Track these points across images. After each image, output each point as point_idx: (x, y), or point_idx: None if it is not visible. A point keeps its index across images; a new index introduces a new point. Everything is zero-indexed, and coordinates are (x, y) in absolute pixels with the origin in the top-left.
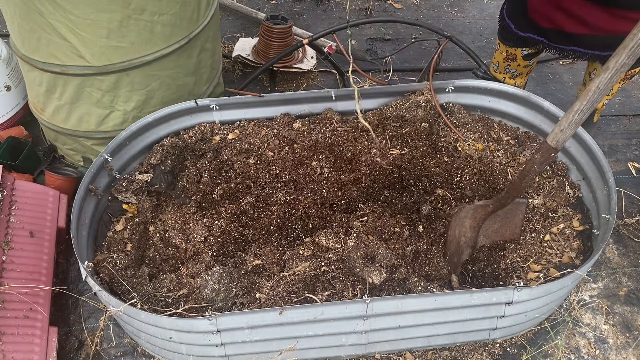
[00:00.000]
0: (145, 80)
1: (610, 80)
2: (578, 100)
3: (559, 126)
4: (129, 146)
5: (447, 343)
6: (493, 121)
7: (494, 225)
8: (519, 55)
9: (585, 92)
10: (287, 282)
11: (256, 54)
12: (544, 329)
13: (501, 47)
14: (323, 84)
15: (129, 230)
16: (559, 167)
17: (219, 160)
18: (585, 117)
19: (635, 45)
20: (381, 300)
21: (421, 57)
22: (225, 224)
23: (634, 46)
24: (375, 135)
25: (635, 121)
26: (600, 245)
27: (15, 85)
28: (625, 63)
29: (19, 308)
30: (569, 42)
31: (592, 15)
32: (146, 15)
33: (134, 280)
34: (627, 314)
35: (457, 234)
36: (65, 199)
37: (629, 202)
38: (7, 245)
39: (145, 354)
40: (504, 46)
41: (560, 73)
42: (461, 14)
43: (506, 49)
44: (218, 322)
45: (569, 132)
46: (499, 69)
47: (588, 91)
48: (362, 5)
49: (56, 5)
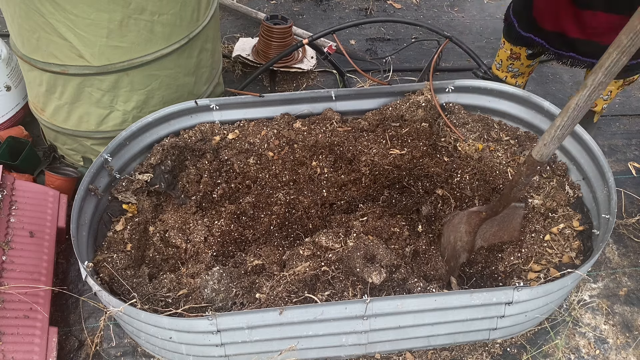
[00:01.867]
0: (145, 80)
1: (589, 98)
2: (559, 116)
3: (543, 140)
4: (129, 146)
5: (447, 343)
6: (493, 121)
7: (491, 228)
8: (522, 55)
9: (566, 109)
10: (287, 282)
11: (256, 54)
12: (544, 329)
13: (506, 45)
14: (323, 84)
15: (129, 230)
16: (559, 167)
17: (219, 160)
18: (567, 132)
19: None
20: (381, 300)
21: (421, 57)
22: (225, 224)
23: (610, 65)
24: (375, 135)
25: (635, 121)
26: (600, 245)
27: (15, 85)
28: (602, 81)
29: (19, 308)
30: (568, 48)
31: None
32: (146, 15)
33: (134, 280)
34: (627, 314)
35: (452, 239)
36: (65, 199)
37: (629, 202)
38: (7, 245)
39: (145, 354)
40: (508, 44)
41: (560, 73)
42: (461, 14)
43: (510, 48)
44: (218, 322)
45: (552, 146)
46: (502, 67)
47: (568, 108)
48: (362, 5)
49: (56, 5)
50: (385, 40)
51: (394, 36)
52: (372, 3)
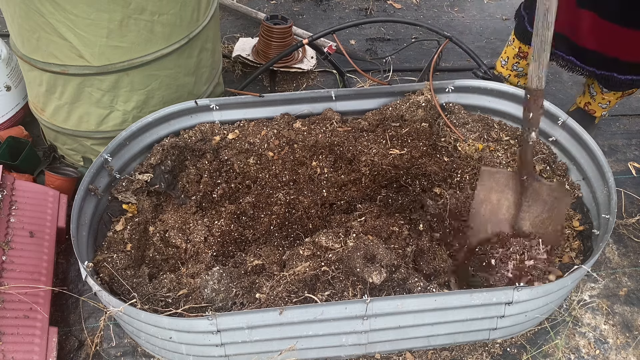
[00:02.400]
0: (145, 80)
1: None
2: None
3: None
4: (129, 146)
5: (447, 343)
6: (493, 121)
7: (535, 208)
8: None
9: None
10: (287, 282)
11: (256, 54)
12: (544, 329)
13: (515, 42)
14: (323, 84)
15: (129, 230)
16: (559, 167)
17: (219, 160)
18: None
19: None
20: (381, 300)
21: (421, 57)
22: (225, 224)
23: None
24: (375, 135)
25: (635, 121)
26: (600, 245)
27: (15, 85)
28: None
29: (19, 308)
30: (569, 52)
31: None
32: (146, 15)
33: (134, 280)
34: (627, 314)
35: (496, 200)
36: (65, 199)
37: (629, 202)
38: (7, 245)
39: (145, 354)
40: (518, 42)
41: (560, 73)
42: (461, 14)
43: (519, 45)
44: (218, 322)
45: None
46: (507, 64)
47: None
48: (362, 5)
49: (56, 5)
50: (385, 40)
51: (394, 36)
52: (372, 3)
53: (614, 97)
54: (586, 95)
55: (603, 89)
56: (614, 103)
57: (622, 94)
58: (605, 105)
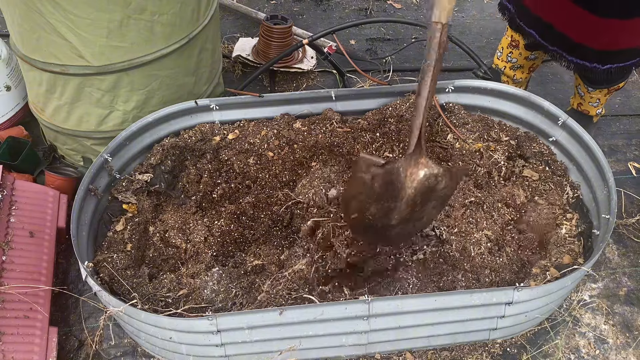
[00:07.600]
0: (145, 80)
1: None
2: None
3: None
4: (129, 146)
5: (447, 343)
6: (493, 121)
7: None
8: (521, 43)
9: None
10: (287, 282)
11: (256, 54)
12: (544, 329)
13: (508, 31)
14: (323, 84)
15: (129, 230)
16: (559, 167)
17: (219, 161)
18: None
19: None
20: (381, 300)
21: (421, 57)
22: (225, 224)
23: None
24: (375, 135)
25: (635, 121)
26: (600, 245)
27: (15, 85)
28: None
29: (19, 308)
30: (554, 43)
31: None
32: (146, 15)
33: (134, 280)
34: (627, 314)
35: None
36: (65, 199)
37: (629, 202)
38: (7, 245)
39: (145, 354)
40: (510, 30)
41: (560, 73)
42: (461, 14)
43: (511, 34)
44: (218, 322)
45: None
46: (502, 55)
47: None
48: (362, 5)
49: (56, 5)
50: (385, 40)
51: (394, 36)
52: (372, 3)
53: (602, 95)
54: (576, 95)
55: (588, 88)
56: (604, 101)
57: (608, 91)
58: (596, 104)
